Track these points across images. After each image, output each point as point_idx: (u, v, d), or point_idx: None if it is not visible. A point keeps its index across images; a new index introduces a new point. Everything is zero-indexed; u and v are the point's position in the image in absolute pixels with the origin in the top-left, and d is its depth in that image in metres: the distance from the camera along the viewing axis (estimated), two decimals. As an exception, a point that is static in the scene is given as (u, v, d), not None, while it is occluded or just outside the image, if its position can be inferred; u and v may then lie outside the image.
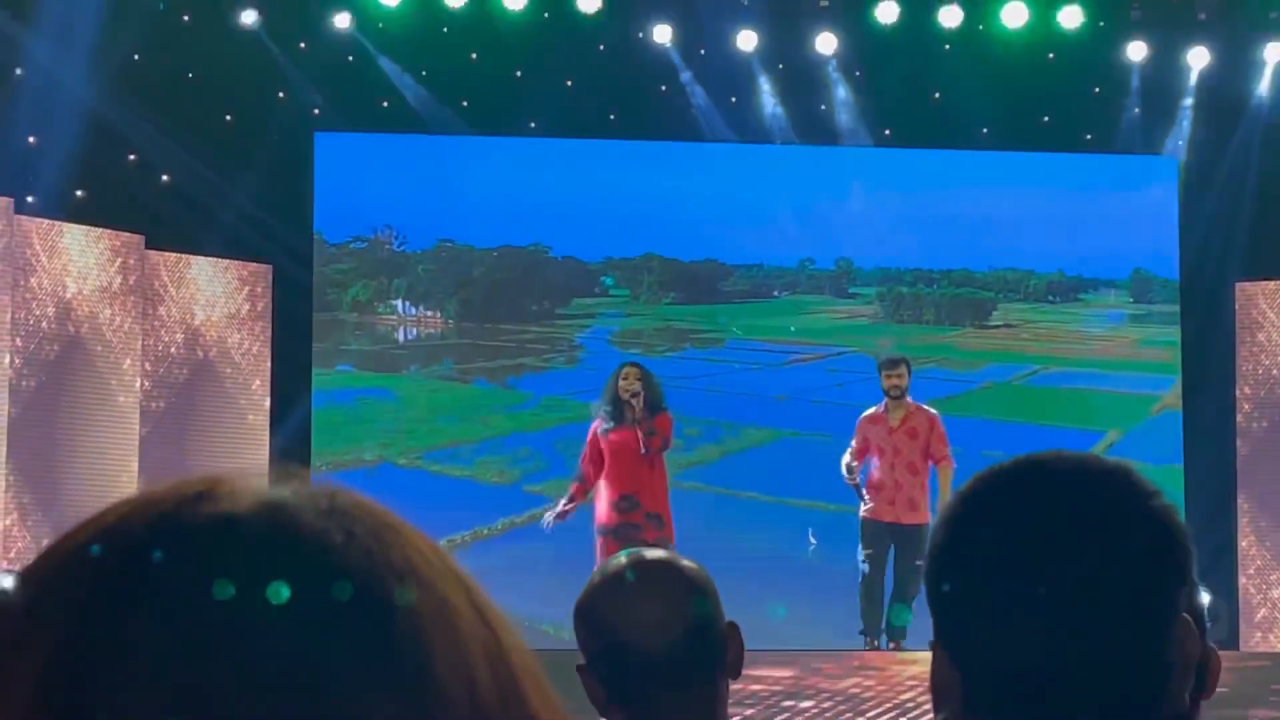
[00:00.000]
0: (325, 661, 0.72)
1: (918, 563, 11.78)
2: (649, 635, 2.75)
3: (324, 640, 0.72)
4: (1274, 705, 10.35)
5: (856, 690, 10.48)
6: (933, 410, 12.50)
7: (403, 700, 0.73)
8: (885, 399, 12.42)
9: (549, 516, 12.02)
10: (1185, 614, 1.77)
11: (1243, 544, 14.26)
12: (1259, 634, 14.14)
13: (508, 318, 15.89)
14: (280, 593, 0.73)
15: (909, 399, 12.40)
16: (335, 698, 0.71)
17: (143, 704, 0.70)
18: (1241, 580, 14.21)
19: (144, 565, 0.74)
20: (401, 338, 15.91)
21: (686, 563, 2.88)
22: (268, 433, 14.02)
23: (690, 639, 2.78)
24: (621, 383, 11.77)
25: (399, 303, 15.78)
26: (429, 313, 15.92)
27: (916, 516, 12.06)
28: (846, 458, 12.36)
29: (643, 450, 11.70)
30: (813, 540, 14.74)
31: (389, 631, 0.74)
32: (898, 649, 11.79)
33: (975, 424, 14.48)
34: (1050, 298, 16.09)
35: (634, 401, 11.64)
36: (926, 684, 1.82)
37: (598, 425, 11.88)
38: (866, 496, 12.29)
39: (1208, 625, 1.85)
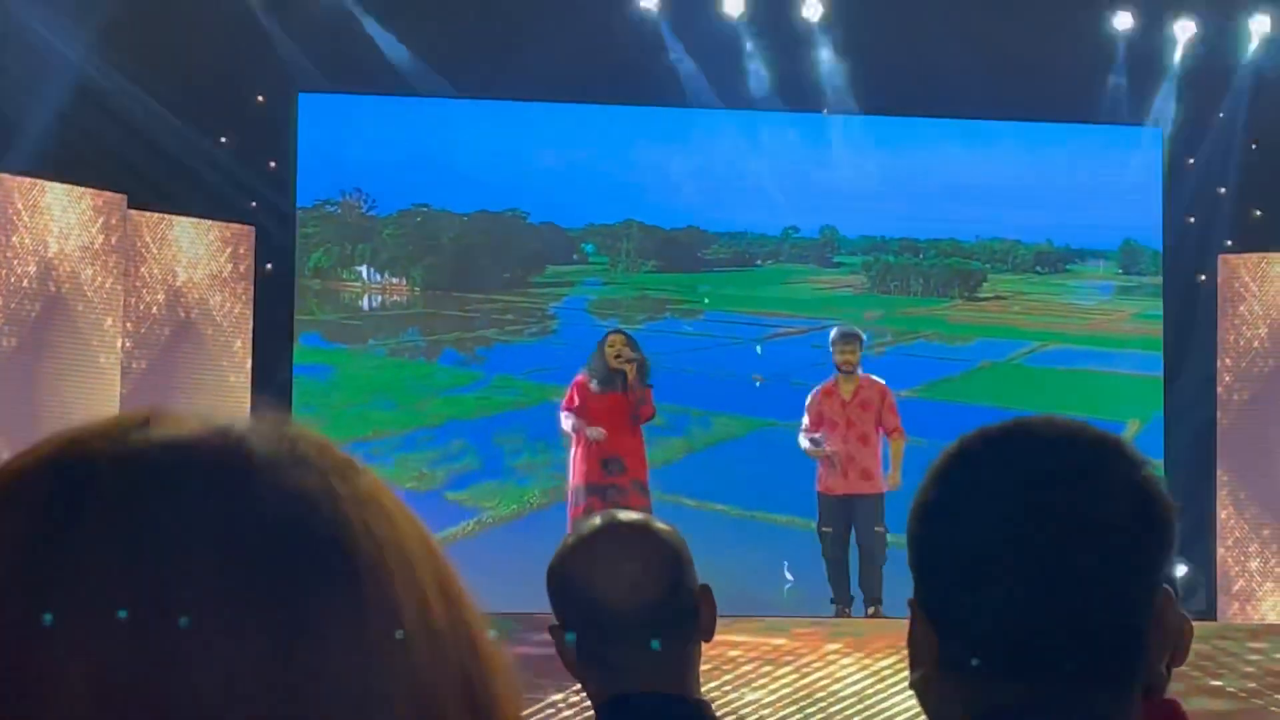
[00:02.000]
0: (276, 578, 0.72)
1: (877, 529, 11.89)
2: (621, 596, 2.76)
3: (274, 558, 0.73)
4: (1249, 676, 10.38)
5: (834, 656, 10.51)
6: (881, 380, 12.55)
7: (356, 616, 0.73)
8: (836, 373, 12.47)
9: (591, 432, 11.92)
10: (1165, 585, 1.77)
11: (1221, 515, 14.30)
12: (1236, 604, 14.18)
13: (478, 286, 15.59)
14: (229, 510, 0.74)
15: (859, 371, 12.47)
16: (286, 612, 0.72)
17: (95, 620, 0.71)
18: (1220, 551, 14.25)
19: (94, 484, 0.75)
20: (366, 306, 15.58)
21: (660, 525, 2.89)
22: (249, 393, 14.00)
23: (663, 601, 2.79)
24: (609, 350, 11.79)
25: (363, 269, 15.49)
26: (394, 280, 15.59)
27: (871, 486, 12.15)
28: (805, 436, 12.39)
29: (634, 418, 11.73)
30: (789, 576, 14.05)
31: (341, 549, 0.74)
32: (877, 614, 11.84)
33: (978, 410, 14.00)
34: (1038, 268, 16.00)
35: (628, 368, 11.67)
36: (903, 651, 1.82)
37: (583, 379, 11.88)
38: (822, 472, 12.34)
39: (1180, 594, 1.85)
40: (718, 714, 2.88)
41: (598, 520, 2.91)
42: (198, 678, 0.70)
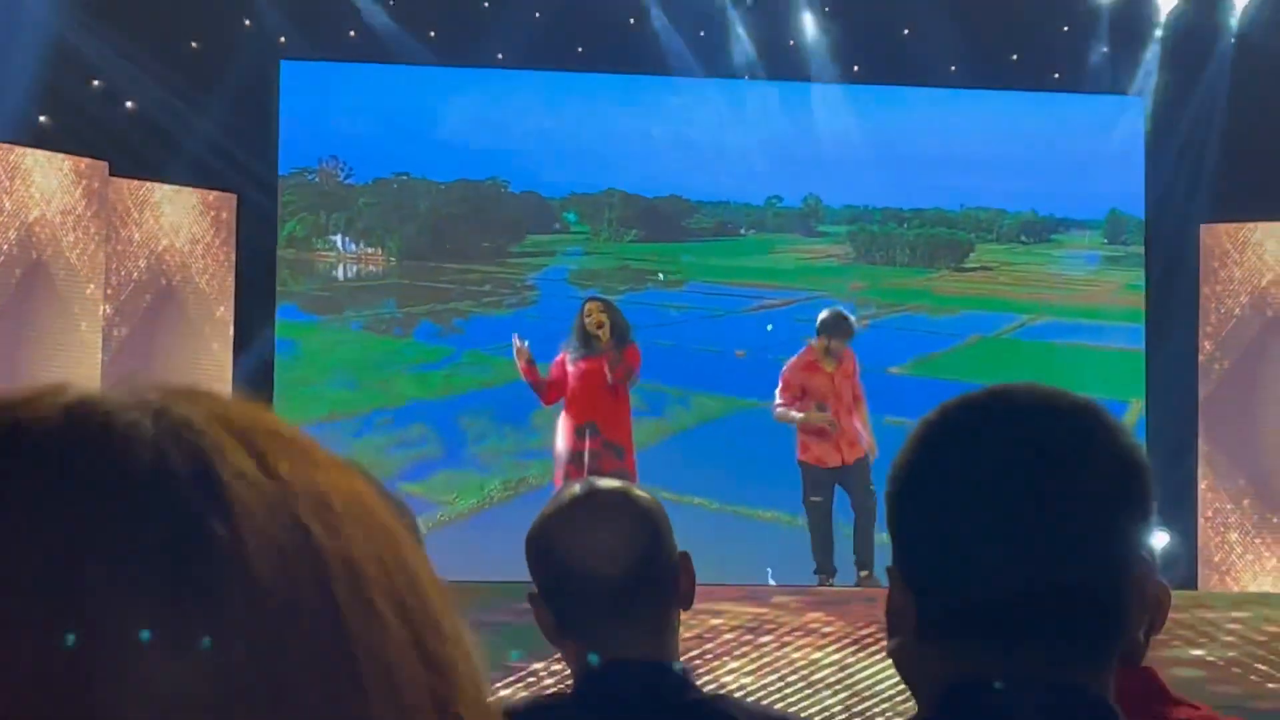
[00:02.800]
0: (100, 562, 0.67)
1: (870, 488, 11.92)
2: (600, 564, 2.76)
3: (104, 541, 0.68)
4: (1228, 645, 10.42)
5: (816, 625, 10.53)
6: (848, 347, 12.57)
7: (172, 599, 0.68)
8: (809, 345, 12.41)
9: (520, 344, 11.85)
10: (1143, 552, 1.77)
11: (1202, 485, 14.33)
12: (1216, 575, 14.22)
13: (455, 256, 15.38)
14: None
15: None
16: (98, 596, 0.67)
17: None
18: (1200, 522, 14.28)
19: None
20: (341, 276, 15.35)
21: (639, 492, 2.89)
22: (231, 362, 13.97)
23: (641, 569, 2.78)
24: (586, 319, 11.78)
25: (338, 238, 15.28)
26: (370, 250, 15.36)
27: (857, 451, 12.21)
28: (791, 410, 12.33)
29: (609, 378, 11.71)
30: (772, 583, 13.49)
31: (175, 529, 0.69)
32: (869, 578, 11.86)
33: (968, 388, 13.39)
34: (1023, 238, 15.93)
35: (600, 333, 11.65)
36: (884, 620, 1.83)
37: (565, 355, 11.87)
38: (809, 442, 12.31)
39: (1157, 562, 1.86)
40: (698, 683, 2.88)
41: (576, 488, 2.91)
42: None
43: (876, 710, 9.96)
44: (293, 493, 0.72)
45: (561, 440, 11.76)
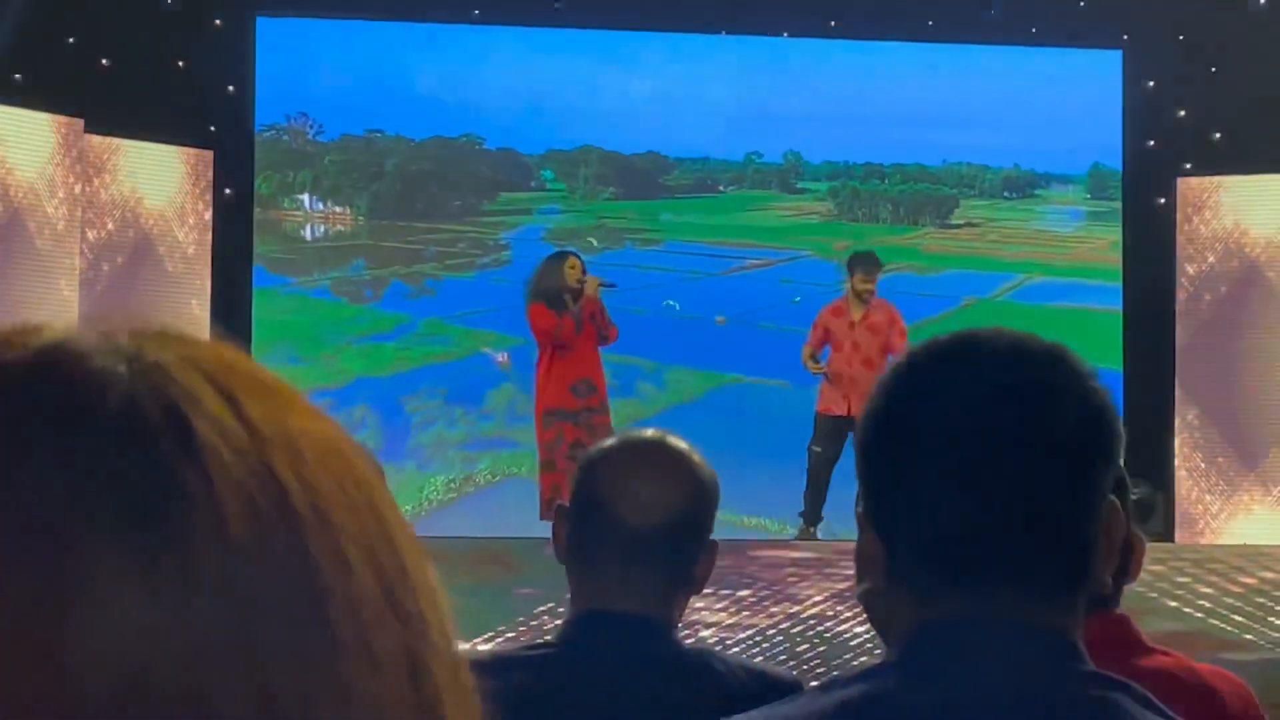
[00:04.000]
0: (70, 506, 0.66)
1: None
2: (643, 514, 2.75)
3: (74, 484, 0.67)
4: (1204, 596, 10.46)
5: (794, 579, 10.55)
6: (892, 304, 12.50)
7: (143, 549, 0.66)
8: (849, 293, 12.38)
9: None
10: (1112, 496, 1.79)
11: (1179, 439, 14.37)
12: (1194, 526, 14.27)
13: (426, 215, 15.09)
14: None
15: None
16: (67, 539, 0.66)
17: None
18: (1179, 475, 14.32)
19: None
20: (309, 236, 15.07)
21: (699, 458, 2.88)
22: (209, 320, 13.94)
23: (672, 534, 2.78)
24: (569, 271, 11.71)
25: (305, 198, 15.01)
26: (338, 209, 15.03)
27: None
28: (808, 352, 12.37)
29: (603, 340, 11.69)
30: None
31: (146, 474, 0.67)
32: None
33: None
34: (1006, 193, 15.80)
35: (587, 282, 11.58)
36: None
37: (545, 307, 11.68)
38: (825, 389, 12.29)
39: (1132, 512, 1.87)
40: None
41: (651, 432, 2.91)
42: None
43: (855, 662, 10.00)
44: (266, 439, 0.70)
45: (551, 396, 11.62)
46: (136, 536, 0.66)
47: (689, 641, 3.10)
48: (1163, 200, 14.83)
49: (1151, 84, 15.10)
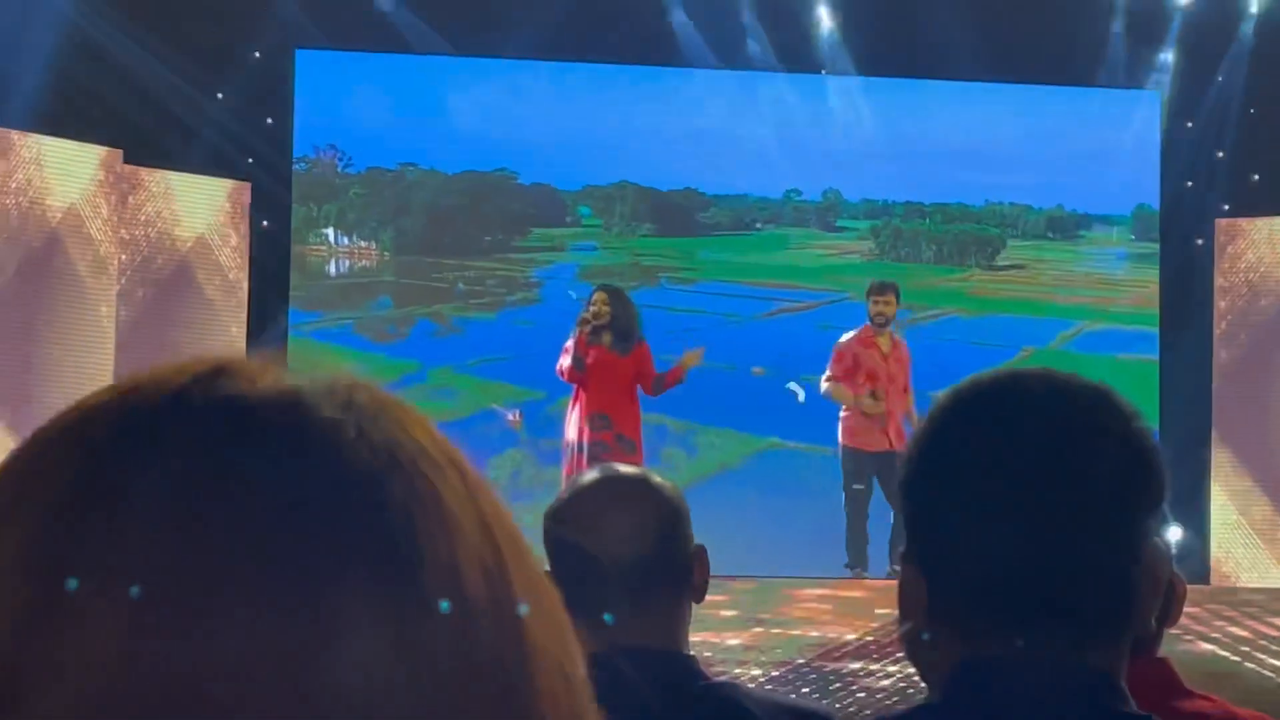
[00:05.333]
0: (312, 557, 0.71)
1: None
2: (614, 547, 2.75)
3: (313, 537, 0.71)
4: (1240, 639, 10.41)
5: (829, 619, 10.51)
6: (904, 341, 12.45)
7: (388, 602, 0.71)
8: (868, 323, 12.29)
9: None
10: (1155, 538, 1.77)
11: (1215, 481, 14.30)
12: (1228, 568, 14.20)
13: (454, 251, 14.88)
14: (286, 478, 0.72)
15: (892, 325, 12.34)
16: (315, 593, 0.70)
17: (132, 568, 0.70)
18: (1214, 515, 14.25)
19: (152, 434, 0.73)
20: (333, 271, 14.89)
21: (659, 479, 2.88)
22: (245, 351, 13.93)
23: (657, 556, 2.77)
24: (589, 307, 11.63)
25: (330, 231, 14.92)
26: (363, 244, 14.86)
27: (904, 441, 11.88)
28: (844, 388, 12.20)
29: (653, 390, 11.60)
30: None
31: (383, 536, 0.72)
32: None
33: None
34: (1049, 234, 15.57)
35: (590, 318, 11.49)
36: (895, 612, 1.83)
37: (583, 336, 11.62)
38: (853, 425, 12.13)
39: (1172, 550, 1.86)
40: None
41: (596, 472, 2.91)
42: (219, 661, 0.69)
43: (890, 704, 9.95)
44: (474, 486, 0.77)
45: (572, 429, 11.64)
46: (383, 587, 0.71)
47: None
48: (1200, 241, 14.78)
49: (1190, 124, 15.07)
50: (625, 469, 2.92)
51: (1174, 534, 12.90)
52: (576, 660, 0.82)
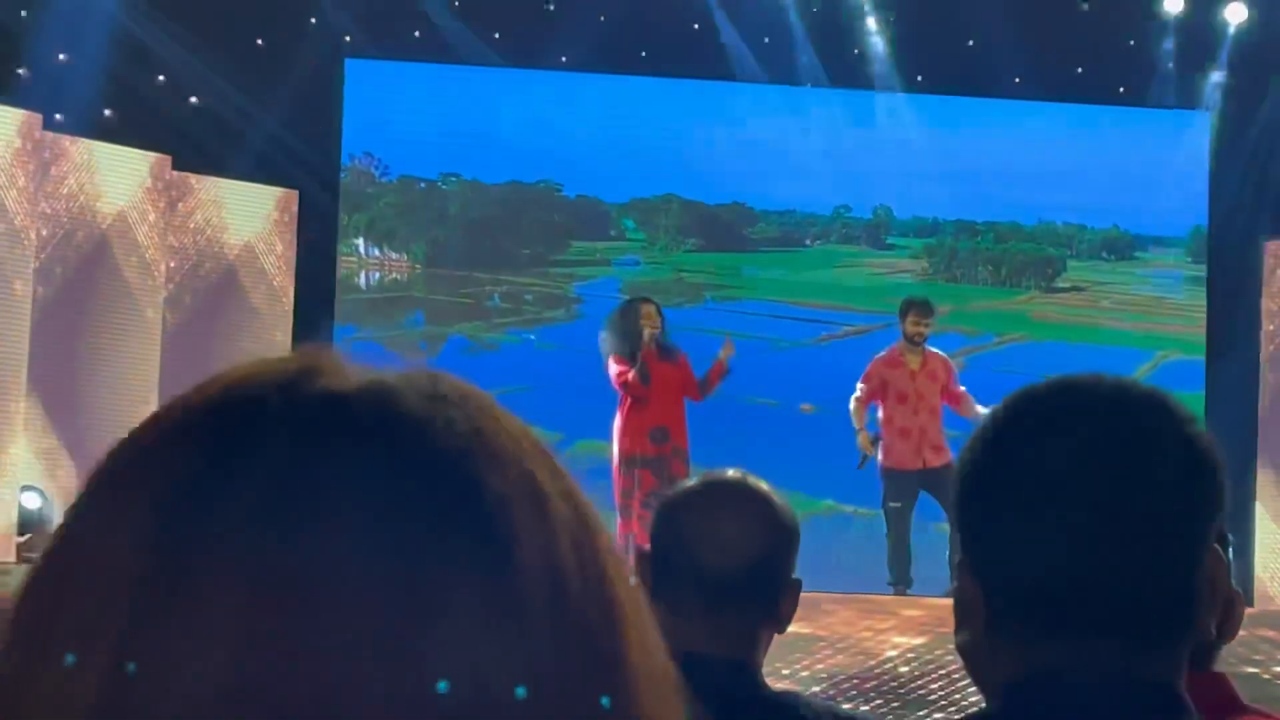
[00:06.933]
0: (413, 545, 0.74)
1: None
2: (716, 553, 2.73)
3: (414, 525, 0.75)
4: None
5: (868, 634, 10.46)
6: (941, 352, 12.36)
7: (488, 587, 0.75)
8: (901, 341, 12.23)
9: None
10: (1216, 546, 1.76)
11: (1260, 505, 14.22)
12: (1273, 591, 14.11)
13: (490, 263, 14.67)
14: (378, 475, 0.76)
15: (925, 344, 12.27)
16: (418, 580, 0.74)
17: (246, 554, 0.73)
18: (1258, 540, 14.17)
19: (260, 434, 0.76)
20: (363, 284, 14.73)
21: (783, 501, 2.87)
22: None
23: (751, 573, 2.76)
24: (644, 321, 11.57)
25: (359, 241, 14.74)
26: (394, 255, 14.68)
27: (942, 457, 11.80)
28: (862, 410, 12.12)
29: (700, 394, 11.58)
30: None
31: (479, 520, 0.76)
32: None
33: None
34: (1105, 255, 15.35)
35: (654, 334, 11.47)
36: (934, 629, 1.81)
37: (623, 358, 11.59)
38: (880, 446, 12.10)
39: (1231, 561, 1.84)
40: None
41: (731, 472, 2.90)
42: (329, 643, 0.72)
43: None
44: (560, 475, 0.80)
45: (630, 443, 11.54)
46: (481, 567, 0.75)
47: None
48: (1251, 262, 14.69)
49: (1241, 146, 15.00)
50: (757, 482, 2.89)
51: (1231, 543, 12.79)
52: (659, 638, 0.84)
